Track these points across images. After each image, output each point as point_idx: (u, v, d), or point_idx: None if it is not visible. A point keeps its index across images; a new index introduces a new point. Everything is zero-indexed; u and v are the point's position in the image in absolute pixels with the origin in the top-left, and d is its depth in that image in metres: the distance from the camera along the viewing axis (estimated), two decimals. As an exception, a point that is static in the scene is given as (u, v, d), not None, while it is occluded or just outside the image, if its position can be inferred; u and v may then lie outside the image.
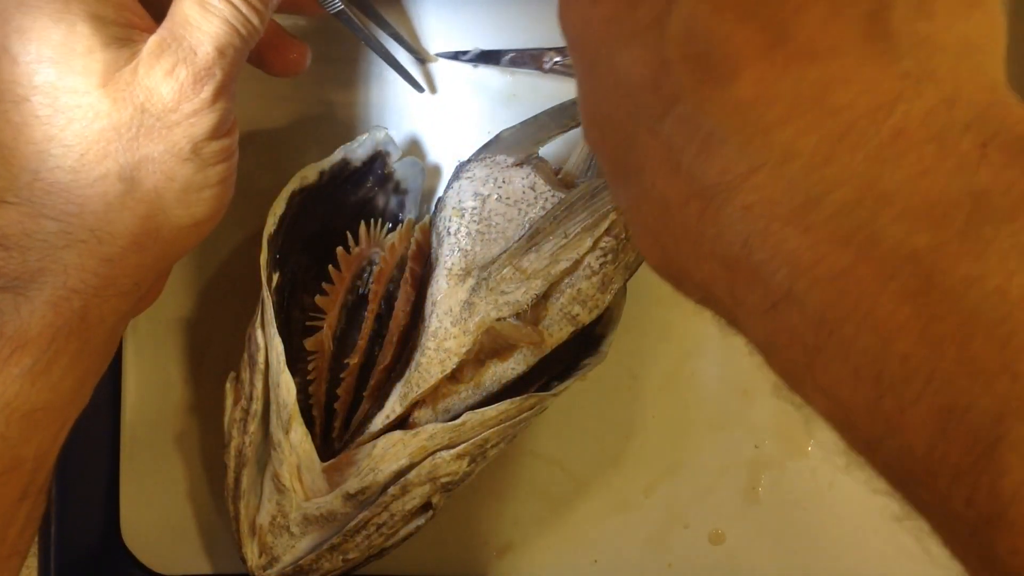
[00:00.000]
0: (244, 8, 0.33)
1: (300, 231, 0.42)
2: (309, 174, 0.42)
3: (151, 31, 0.33)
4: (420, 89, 0.45)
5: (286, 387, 0.39)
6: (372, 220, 0.44)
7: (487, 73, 0.46)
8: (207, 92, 0.32)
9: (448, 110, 0.46)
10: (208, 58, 0.32)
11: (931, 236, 0.19)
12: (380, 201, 0.44)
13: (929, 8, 0.21)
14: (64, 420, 0.33)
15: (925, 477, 0.20)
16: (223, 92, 0.33)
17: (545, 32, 0.45)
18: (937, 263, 0.19)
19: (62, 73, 0.31)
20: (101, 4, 0.32)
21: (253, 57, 0.38)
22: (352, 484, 0.39)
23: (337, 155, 0.43)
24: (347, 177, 0.43)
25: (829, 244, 0.20)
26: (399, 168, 0.44)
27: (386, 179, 0.44)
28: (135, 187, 0.33)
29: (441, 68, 0.46)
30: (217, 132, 0.33)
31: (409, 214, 0.45)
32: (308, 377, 0.41)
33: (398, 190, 0.44)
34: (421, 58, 0.46)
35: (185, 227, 0.34)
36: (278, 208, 0.41)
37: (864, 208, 0.20)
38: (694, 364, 0.46)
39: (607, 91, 0.25)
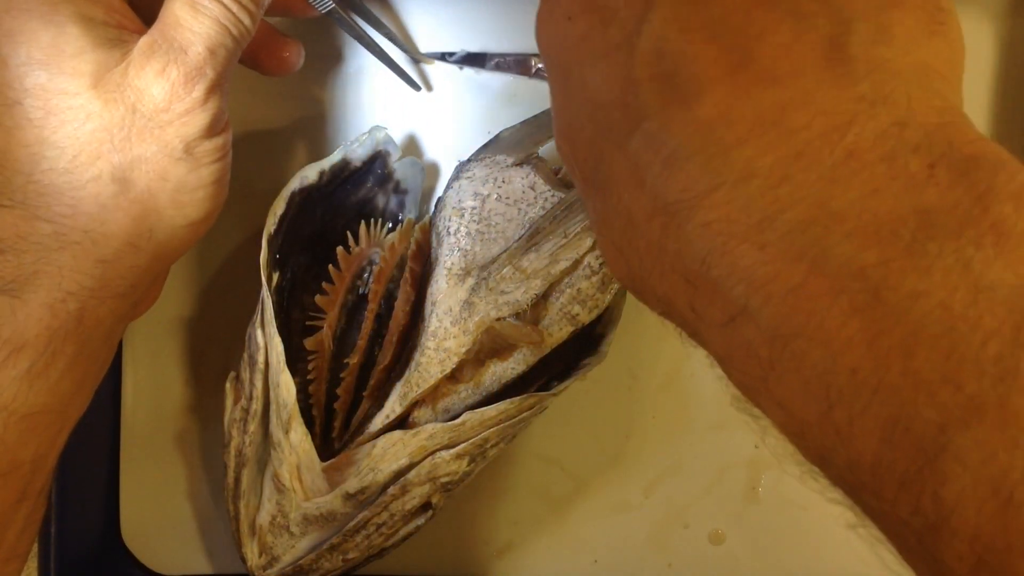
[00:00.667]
0: (235, 8, 0.33)
1: (300, 231, 0.42)
2: (309, 174, 0.42)
3: (141, 33, 0.33)
4: (416, 88, 0.45)
5: (286, 387, 0.39)
6: (372, 220, 0.44)
7: (486, 73, 0.46)
8: (199, 91, 0.32)
9: (448, 110, 0.46)
10: (199, 58, 0.32)
11: (879, 253, 0.20)
12: (380, 201, 0.44)
13: (888, 34, 0.22)
14: (63, 423, 0.33)
15: (874, 486, 0.20)
16: (215, 91, 0.33)
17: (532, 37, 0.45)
18: (884, 279, 0.20)
19: (52, 75, 0.31)
20: (90, 5, 0.32)
21: (246, 58, 0.38)
22: (352, 484, 0.39)
23: (337, 155, 0.43)
24: (347, 177, 0.43)
25: (783, 261, 0.21)
26: (399, 168, 0.44)
27: (386, 179, 0.44)
28: (128, 188, 0.33)
29: (440, 67, 0.46)
30: (210, 131, 0.34)
31: (409, 214, 0.45)
32: (308, 377, 0.41)
33: (398, 190, 0.44)
34: (416, 57, 0.45)
35: (180, 227, 0.34)
36: (278, 207, 0.41)
37: (817, 226, 0.21)
38: (694, 364, 0.46)
39: (578, 106, 0.26)
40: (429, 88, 0.46)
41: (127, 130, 0.32)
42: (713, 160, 0.22)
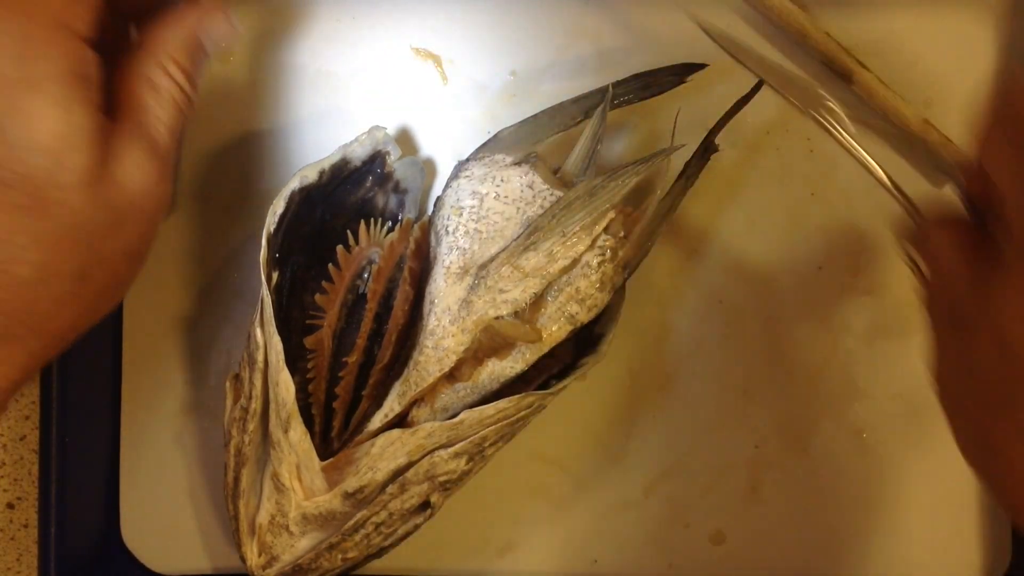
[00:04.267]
0: (187, 86, 0.32)
1: (300, 230, 0.42)
2: (309, 173, 0.42)
3: (104, 108, 0.31)
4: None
5: (285, 386, 0.39)
6: (372, 219, 0.44)
7: (486, 72, 0.46)
8: (167, 182, 0.31)
9: (447, 110, 0.46)
10: (167, 145, 0.31)
11: None
12: (380, 200, 0.44)
13: None
14: None
15: None
16: (171, 174, 0.32)
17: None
18: None
19: (53, 168, 0.29)
20: (97, 92, 0.30)
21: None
22: (351, 483, 0.39)
23: (337, 154, 0.43)
24: (347, 176, 0.43)
25: None
26: (399, 167, 0.44)
27: (386, 178, 0.44)
28: (86, 286, 0.31)
29: (438, 66, 0.46)
30: (161, 221, 0.32)
31: (408, 213, 0.45)
32: (307, 376, 0.41)
33: (398, 189, 0.44)
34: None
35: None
36: (278, 207, 0.41)
37: None
38: (694, 364, 0.46)
39: (980, 358, 0.26)
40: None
41: (102, 228, 0.31)
42: None
